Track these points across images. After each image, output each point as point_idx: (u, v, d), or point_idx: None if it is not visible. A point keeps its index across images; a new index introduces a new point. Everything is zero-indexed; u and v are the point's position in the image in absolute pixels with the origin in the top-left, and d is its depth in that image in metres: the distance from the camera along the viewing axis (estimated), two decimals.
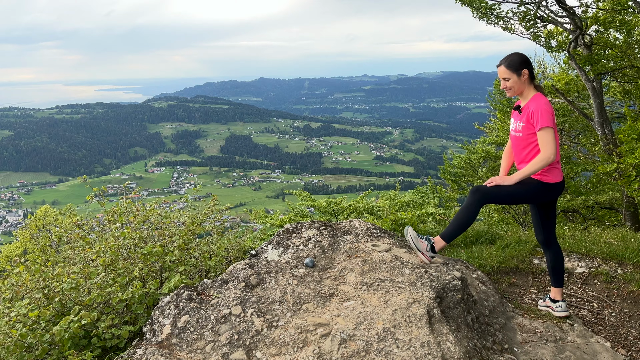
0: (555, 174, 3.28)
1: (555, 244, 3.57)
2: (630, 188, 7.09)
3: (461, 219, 3.33)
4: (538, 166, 3.16)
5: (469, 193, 3.37)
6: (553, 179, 3.27)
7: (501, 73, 3.30)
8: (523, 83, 3.28)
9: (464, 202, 3.38)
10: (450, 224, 3.38)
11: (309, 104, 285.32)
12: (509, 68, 3.26)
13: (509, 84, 3.29)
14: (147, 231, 3.96)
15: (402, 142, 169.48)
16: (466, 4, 9.86)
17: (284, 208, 14.93)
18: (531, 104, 3.24)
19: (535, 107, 3.19)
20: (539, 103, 3.20)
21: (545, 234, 3.54)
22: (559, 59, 15.90)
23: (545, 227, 3.53)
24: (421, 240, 3.42)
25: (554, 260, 3.56)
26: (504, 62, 3.29)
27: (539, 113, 3.15)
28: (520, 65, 3.25)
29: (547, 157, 3.11)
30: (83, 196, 16.31)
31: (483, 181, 11.14)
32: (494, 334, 3.32)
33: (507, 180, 3.27)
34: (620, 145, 7.53)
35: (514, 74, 3.26)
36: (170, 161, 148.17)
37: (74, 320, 2.71)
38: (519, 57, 3.28)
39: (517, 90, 3.31)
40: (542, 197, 3.34)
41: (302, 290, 3.04)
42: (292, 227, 3.93)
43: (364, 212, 8.88)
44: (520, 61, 3.26)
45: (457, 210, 11.35)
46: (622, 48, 9.33)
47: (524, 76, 3.26)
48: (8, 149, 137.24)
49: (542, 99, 3.24)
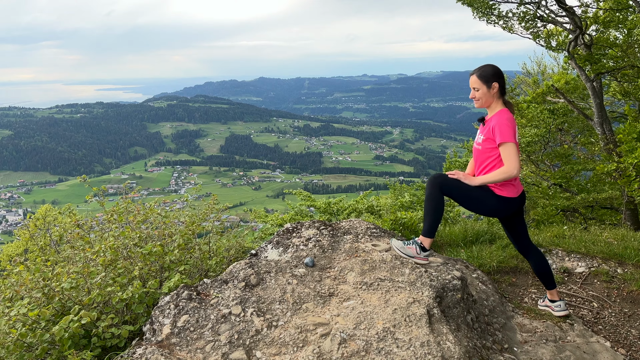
0: (509, 190, 3.27)
1: (533, 250, 3.58)
2: (630, 188, 7.09)
3: (430, 209, 3.33)
4: (499, 177, 3.16)
5: (427, 181, 3.39)
6: (507, 193, 3.27)
7: (472, 82, 3.30)
8: (492, 96, 3.27)
9: (425, 193, 3.39)
10: (424, 219, 3.40)
11: (308, 104, 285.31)
12: (480, 79, 3.26)
13: (477, 94, 3.29)
14: (147, 231, 3.96)
15: (402, 142, 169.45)
16: (467, 4, 9.85)
17: (284, 208, 14.96)
18: (494, 119, 3.23)
19: (496, 122, 3.19)
20: (501, 118, 3.19)
21: (519, 244, 3.57)
22: (558, 59, 15.92)
23: (516, 238, 3.56)
24: (409, 246, 3.43)
25: (537, 265, 3.57)
26: (477, 72, 3.29)
27: (499, 128, 3.14)
28: (491, 78, 3.24)
29: (510, 171, 3.11)
30: (83, 196, 16.33)
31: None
32: (493, 333, 3.32)
33: (470, 179, 3.29)
34: (620, 145, 7.52)
35: (484, 85, 3.25)
36: (170, 161, 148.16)
37: (74, 319, 2.71)
38: (492, 69, 3.27)
39: (484, 102, 3.30)
40: (496, 209, 3.33)
41: (302, 290, 3.04)
42: (292, 226, 3.93)
43: (364, 211, 8.88)
44: (492, 73, 3.25)
45: (457, 210, 11.33)
46: (622, 47, 9.33)
47: (493, 89, 3.25)
48: (8, 148, 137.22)
49: (506, 114, 3.22)
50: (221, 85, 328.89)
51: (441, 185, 3.31)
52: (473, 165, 3.58)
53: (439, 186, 3.30)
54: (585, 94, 11.66)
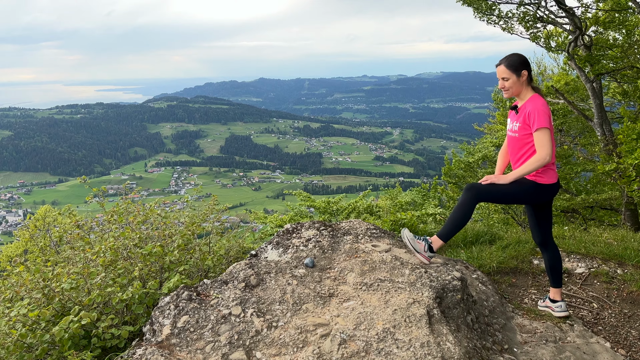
0: (550, 175, 3.28)
1: (552, 244, 3.58)
2: (629, 188, 7.09)
3: (457, 216, 3.33)
4: (533, 167, 3.16)
5: (463, 190, 3.37)
6: (547, 180, 3.28)
7: (500, 72, 3.30)
8: (521, 84, 3.28)
9: (458, 200, 3.38)
10: (446, 223, 3.39)
11: (308, 104, 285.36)
12: (509, 68, 3.26)
13: (507, 84, 3.29)
14: (147, 231, 3.96)
15: (402, 143, 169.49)
16: (467, 4, 9.87)
17: (284, 208, 14.95)
18: (528, 105, 3.24)
19: (532, 108, 3.19)
20: (536, 104, 3.20)
21: (542, 235, 3.55)
22: (558, 60, 15.93)
23: (541, 228, 3.53)
24: (418, 241, 3.42)
25: (552, 260, 3.57)
26: (504, 61, 3.29)
27: (536, 114, 3.15)
28: (520, 66, 3.25)
29: (542, 158, 3.11)
30: (83, 196, 16.21)
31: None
32: (493, 334, 3.32)
33: (502, 179, 3.27)
34: (620, 146, 7.53)
35: (514, 74, 3.26)
36: (170, 161, 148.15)
37: (74, 320, 2.71)
38: (519, 57, 3.28)
39: (515, 91, 3.31)
40: (536, 198, 3.34)
41: (302, 291, 3.04)
42: (292, 227, 3.93)
43: (363, 212, 8.88)
44: (520, 62, 3.26)
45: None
46: (623, 48, 9.33)
47: (523, 77, 3.26)
48: (8, 149, 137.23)
49: (540, 100, 3.23)
50: (221, 86, 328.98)
51: (477, 195, 3.28)
52: (503, 158, 3.58)
53: (476, 197, 3.28)
54: (585, 95, 11.67)
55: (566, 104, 10.50)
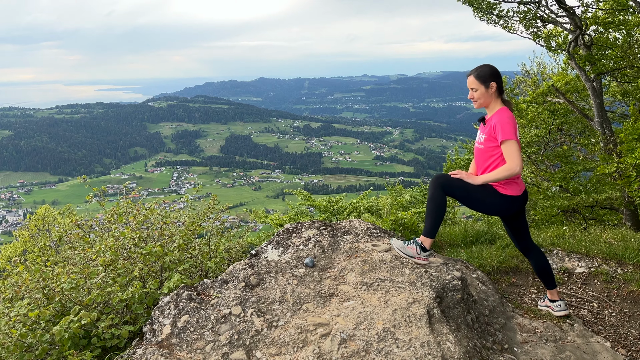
0: (512, 188, 3.28)
1: (534, 249, 3.59)
2: (630, 188, 7.09)
3: (432, 210, 3.34)
4: (502, 175, 3.16)
5: (430, 181, 3.39)
6: (510, 192, 3.28)
7: (470, 83, 3.31)
8: (490, 96, 3.28)
9: (428, 193, 3.39)
10: (425, 219, 3.40)
11: (309, 104, 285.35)
12: (478, 79, 3.27)
13: (476, 95, 3.30)
14: (147, 231, 3.96)
15: (402, 142, 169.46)
16: (467, 3, 9.86)
17: (284, 208, 14.95)
18: (494, 117, 3.25)
19: (497, 120, 3.20)
20: (502, 116, 3.20)
21: (521, 243, 3.57)
22: (558, 59, 15.91)
23: (518, 237, 3.56)
24: (409, 246, 3.43)
25: (538, 264, 3.58)
26: (474, 72, 3.31)
27: (500, 126, 3.15)
28: (489, 78, 3.25)
29: (512, 168, 3.11)
30: (83, 196, 16.32)
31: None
32: (493, 333, 3.32)
33: (472, 178, 3.29)
34: (620, 145, 7.52)
35: (482, 85, 3.26)
36: (170, 161, 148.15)
37: (74, 320, 2.71)
38: (489, 69, 3.28)
39: (483, 102, 3.31)
40: (500, 208, 3.34)
41: (302, 290, 3.04)
42: (292, 227, 3.93)
43: (364, 211, 8.88)
44: (490, 73, 3.26)
45: (457, 210, 11.31)
46: (623, 48, 9.33)
47: (491, 89, 3.26)
48: (8, 148, 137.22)
49: (506, 112, 3.23)
50: (221, 86, 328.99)
51: (444, 186, 3.31)
52: (475, 166, 3.58)
53: (442, 186, 3.31)
54: (585, 95, 11.66)
55: (566, 104, 10.49)
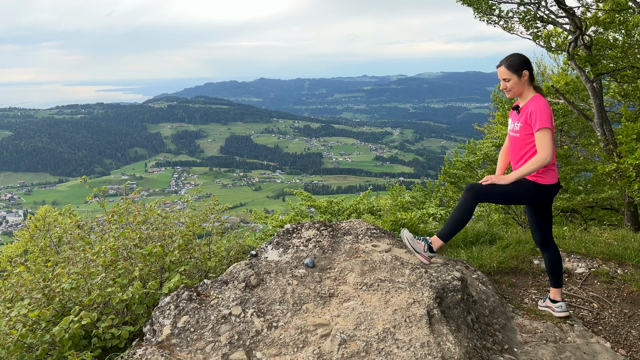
0: (550, 176, 3.28)
1: (552, 244, 3.58)
2: (630, 188, 7.09)
3: (457, 216, 3.32)
4: (534, 167, 3.15)
5: (463, 190, 3.37)
6: (548, 180, 3.27)
7: (501, 74, 3.30)
8: (523, 84, 3.27)
9: (459, 200, 3.38)
10: (446, 223, 3.38)
11: (309, 105, 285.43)
12: (510, 69, 3.25)
13: (509, 84, 3.28)
14: (147, 231, 3.96)
15: (402, 143, 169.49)
16: (467, 4, 9.87)
17: (284, 208, 14.95)
18: (530, 105, 3.23)
19: (534, 108, 3.19)
20: (538, 104, 3.19)
21: (542, 235, 3.54)
22: (558, 60, 15.91)
23: (541, 229, 3.53)
24: (418, 241, 3.42)
25: (552, 260, 3.57)
26: (505, 62, 3.29)
27: (538, 114, 3.14)
28: (520, 66, 3.24)
29: (543, 159, 3.10)
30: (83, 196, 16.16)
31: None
32: (494, 334, 3.32)
33: (503, 179, 3.27)
34: (620, 146, 7.52)
35: (514, 74, 3.25)
36: (171, 161, 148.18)
37: (74, 320, 2.71)
38: (519, 58, 3.27)
39: (517, 91, 3.30)
40: (537, 198, 3.34)
41: (302, 291, 3.04)
42: (292, 227, 3.93)
43: (364, 212, 8.88)
44: (520, 62, 3.25)
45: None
46: (623, 48, 9.33)
47: (524, 77, 3.25)
48: (8, 149, 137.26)
49: (542, 100, 3.23)
50: (221, 86, 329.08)
51: (477, 195, 3.27)
52: (504, 158, 3.58)
53: (475, 197, 3.27)
54: (585, 95, 11.66)
55: (566, 104, 10.50)
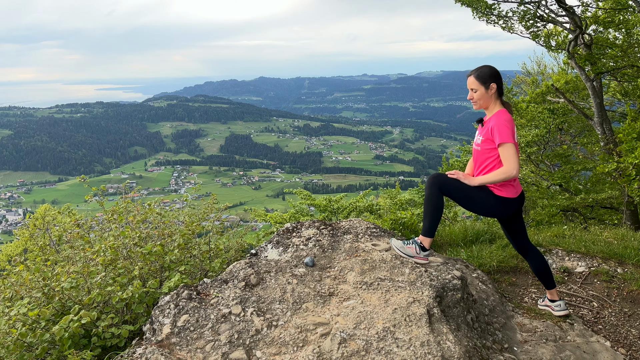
0: (508, 190, 3.28)
1: (531, 249, 3.59)
2: (630, 187, 7.09)
3: (430, 210, 3.33)
4: (498, 177, 3.17)
5: (426, 181, 3.38)
6: (506, 193, 3.27)
7: (470, 83, 3.30)
8: (490, 97, 3.27)
9: (425, 192, 3.38)
10: (424, 219, 3.40)
11: (308, 103, 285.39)
12: (478, 79, 3.26)
13: (475, 96, 3.28)
14: (146, 230, 3.96)
15: (402, 142, 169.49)
16: (466, 4, 9.85)
17: (284, 207, 14.96)
18: (493, 119, 3.24)
19: (495, 123, 3.19)
20: (500, 119, 3.19)
21: (517, 243, 3.58)
22: (558, 59, 15.91)
23: (515, 239, 3.56)
24: (408, 246, 3.43)
25: (536, 264, 3.58)
26: (474, 73, 3.30)
27: (498, 128, 3.15)
28: (489, 78, 3.24)
29: (508, 171, 3.11)
30: (83, 195, 16.29)
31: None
32: (493, 333, 3.32)
33: (469, 179, 3.29)
34: (620, 145, 7.52)
35: (482, 86, 3.25)
36: (170, 160, 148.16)
37: (74, 319, 2.71)
38: (489, 70, 3.27)
39: (483, 103, 3.30)
40: (495, 209, 3.34)
41: (302, 290, 3.04)
42: (292, 226, 3.93)
43: (364, 211, 8.88)
44: (489, 74, 3.25)
45: (456, 210, 11.33)
46: (623, 47, 9.32)
47: (491, 90, 3.25)
48: (8, 148, 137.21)
49: (505, 115, 3.22)
50: (221, 85, 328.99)
51: (440, 185, 3.31)
52: (472, 166, 3.58)
53: (439, 186, 3.31)
54: (585, 94, 11.66)
55: (566, 103, 10.49)
